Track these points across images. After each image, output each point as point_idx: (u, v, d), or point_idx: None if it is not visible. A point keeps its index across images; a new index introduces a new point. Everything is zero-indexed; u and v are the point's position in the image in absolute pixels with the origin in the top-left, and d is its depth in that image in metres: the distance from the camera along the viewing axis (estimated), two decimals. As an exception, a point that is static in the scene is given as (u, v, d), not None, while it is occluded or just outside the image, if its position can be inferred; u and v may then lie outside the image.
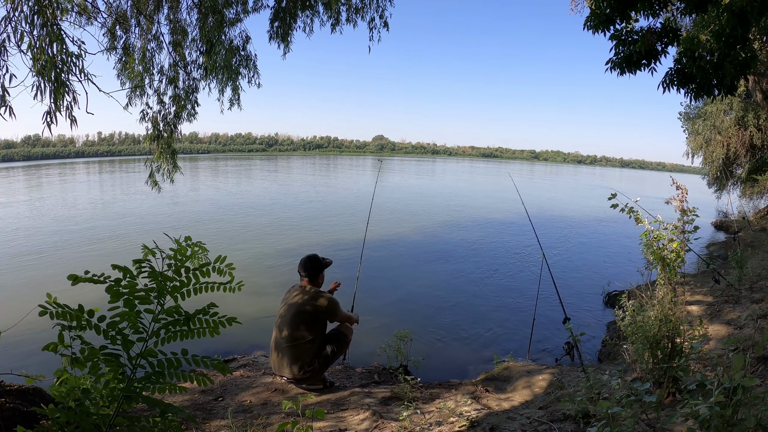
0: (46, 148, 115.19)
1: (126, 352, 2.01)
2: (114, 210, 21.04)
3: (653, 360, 3.73)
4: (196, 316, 2.09)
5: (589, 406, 3.41)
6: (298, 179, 44.84)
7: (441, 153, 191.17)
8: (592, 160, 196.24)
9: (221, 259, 2.25)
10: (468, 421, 3.62)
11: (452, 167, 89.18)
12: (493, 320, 8.54)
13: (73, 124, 4.40)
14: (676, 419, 2.07)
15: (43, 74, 4.14)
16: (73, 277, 1.97)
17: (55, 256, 12.35)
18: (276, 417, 3.84)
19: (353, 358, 6.05)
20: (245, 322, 7.38)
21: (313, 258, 4.85)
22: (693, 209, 3.93)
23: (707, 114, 21.57)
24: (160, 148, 7.40)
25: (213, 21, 7.15)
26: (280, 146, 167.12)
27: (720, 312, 6.51)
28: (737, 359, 1.93)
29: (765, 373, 3.79)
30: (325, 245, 14.01)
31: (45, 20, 4.21)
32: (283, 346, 4.54)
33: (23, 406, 2.90)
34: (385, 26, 8.09)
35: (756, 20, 5.31)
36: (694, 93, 6.17)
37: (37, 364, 5.78)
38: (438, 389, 5.01)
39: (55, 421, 1.97)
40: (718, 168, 22.02)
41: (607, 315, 8.64)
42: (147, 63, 7.32)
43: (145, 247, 2.15)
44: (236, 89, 8.11)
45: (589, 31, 6.25)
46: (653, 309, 3.84)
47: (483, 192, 37.89)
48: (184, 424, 3.29)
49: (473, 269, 12.43)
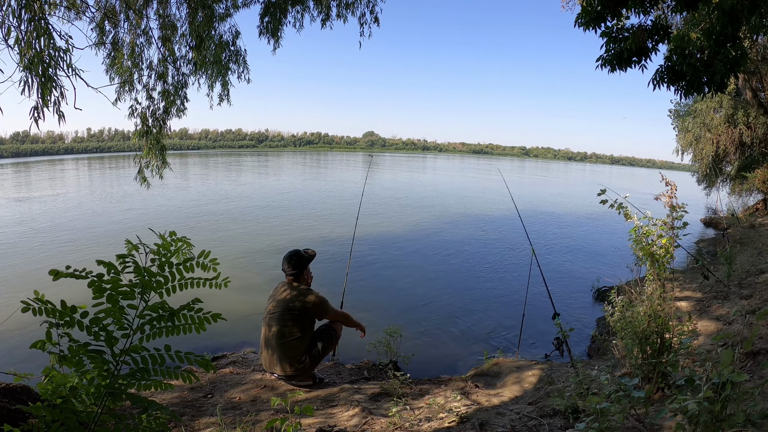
0: (35, 144, 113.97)
1: (110, 349, 1.98)
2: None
3: (642, 355, 3.74)
4: (181, 312, 2.07)
5: (578, 402, 3.43)
6: (288, 175, 44.75)
7: (432, 149, 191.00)
8: (583, 157, 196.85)
9: (205, 254, 2.22)
10: (458, 417, 3.62)
11: (443, 164, 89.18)
12: (482, 316, 8.56)
13: (61, 119, 4.34)
14: (664, 414, 2.07)
15: (30, 69, 4.08)
16: (54, 272, 1.95)
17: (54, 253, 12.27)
18: (265, 414, 3.82)
19: (343, 354, 6.04)
20: (235, 319, 7.31)
21: (295, 254, 4.74)
22: (682, 205, 3.93)
23: (697, 111, 21.66)
24: (149, 144, 7.36)
25: (203, 16, 7.12)
26: (271, 142, 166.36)
27: (709, 308, 6.55)
28: (726, 355, 1.93)
29: (754, 368, 3.82)
30: (314, 241, 13.98)
31: (33, 15, 4.14)
32: (273, 344, 4.51)
33: (10, 404, 2.88)
34: (376, 22, 8.09)
35: (746, 18, 5.34)
36: (684, 90, 6.18)
37: (25, 362, 5.75)
38: (428, 385, 5.02)
39: (41, 419, 1.95)
40: (708, 165, 22.12)
41: (597, 311, 8.68)
42: (136, 58, 7.26)
43: (128, 242, 2.13)
44: (226, 85, 8.10)
45: (580, 28, 6.25)
46: (642, 305, 3.86)
47: (473, 188, 37.92)
48: (171, 421, 3.26)
49: (463, 265, 12.46)
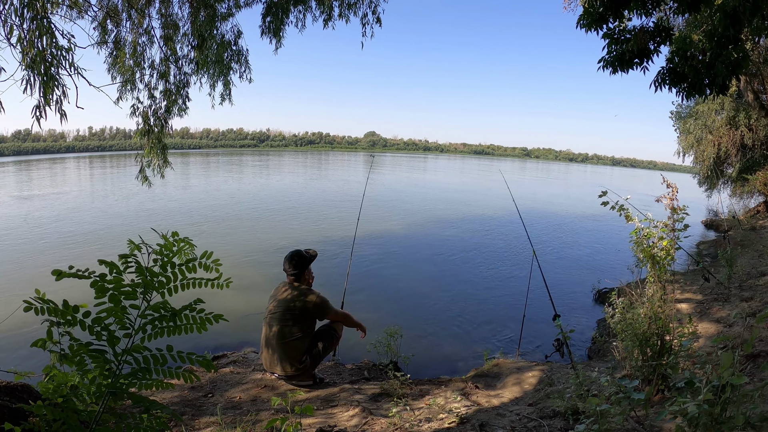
0: (36, 143, 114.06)
1: (112, 348, 1.99)
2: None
3: (642, 357, 3.74)
4: (183, 312, 2.08)
5: (578, 403, 3.43)
6: (289, 174, 44.75)
7: (433, 150, 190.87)
8: (584, 157, 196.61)
9: (207, 255, 2.23)
10: (457, 418, 3.62)
11: (444, 164, 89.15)
12: (483, 317, 8.56)
13: (62, 118, 4.35)
14: (664, 417, 2.08)
15: (32, 68, 4.09)
16: (57, 272, 1.95)
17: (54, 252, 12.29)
18: (265, 413, 3.82)
19: (343, 354, 6.04)
20: (235, 318, 7.31)
21: (296, 254, 4.73)
22: (683, 208, 3.93)
23: (698, 113, 21.62)
24: (150, 144, 7.36)
25: (205, 15, 7.13)
26: (272, 142, 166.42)
27: (709, 310, 6.55)
28: (726, 357, 1.93)
29: (754, 371, 3.82)
30: (315, 241, 13.97)
31: (35, 13, 4.15)
32: (274, 343, 4.52)
33: (11, 403, 2.87)
34: (378, 22, 8.09)
35: (748, 21, 5.33)
36: (685, 92, 6.18)
37: (26, 360, 5.76)
38: (428, 386, 5.02)
39: (42, 418, 1.95)
40: (709, 167, 22.08)
41: (597, 312, 8.67)
42: (138, 57, 7.27)
43: (131, 242, 2.13)
44: (227, 84, 8.11)
45: (582, 29, 6.25)
46: (643, 306, 3.86)
47: (474, 189, 37.91)
48: (171, 420, 3.27)
49: (463, 266, 12.47)
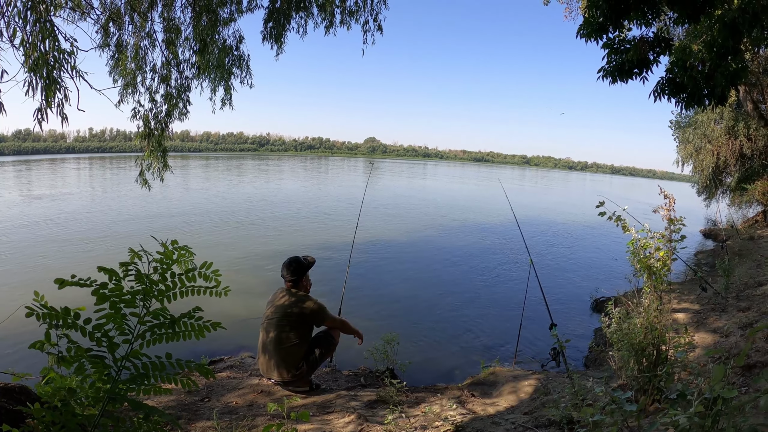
0: (37, 143, 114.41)
1: (111, 354, 2.00)
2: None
3: (638, 367, 3.75)
4: (182, 320, 2.10)
5: (573, 413, 3.44)
6: (289, 180, 44.78)
7: (432, 156, 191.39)
8: (583, 166, 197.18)
9: (207, 265, 2.25)
10: (453, 426, 3.63)
11: (444, 171, 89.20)
12: (480, 325, 8.56)
13: (64, 121, 4.37)
14: (656, 428, 2.09)
15: (35, 71, 4.10)
16: (60, 281, 1.98)
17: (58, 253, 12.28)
18: (261, 419, 3.83)
19: (340, 360, 6.04)
20: (233, 323, 7.31)
21: (294, 260, 4.75)
22: (680, 218, 3.95)
23: (698, 123, 21.71)
24: (150, 147, 7.38)
25: (207, 20, 7.15)
26: (272, 146, 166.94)
27: (706, 320, 6.56)
28: (717, 370, 1.95)
29: (747, 382, 3.83)
30: (313, 247, 13.96)
31: (38, 16, 4.18)
32: (271, 349, 4.53)
33: (9, 405, 2.88)
34: (379, 29, 8.14)
35: (747, 32, 5.36)
36: (685, 102, 6.21)
37: (22, 361, 5.75)
38: (424, 393, 5.03)
39: (41, 421, 1.97)
40: (708, 176, 22.16)
41: (594, 321, 8.67)
42: (140, 61, 7.30)
43: (131, 250, 2.15)
44: (228, 89, 8.12)
45: (582, 38, 6.28)
46: (639, 317, 3.87)
47: (473, 197, 37.93)
48: (168, 425, 3.28)
49: (461, 274, 12.48)
